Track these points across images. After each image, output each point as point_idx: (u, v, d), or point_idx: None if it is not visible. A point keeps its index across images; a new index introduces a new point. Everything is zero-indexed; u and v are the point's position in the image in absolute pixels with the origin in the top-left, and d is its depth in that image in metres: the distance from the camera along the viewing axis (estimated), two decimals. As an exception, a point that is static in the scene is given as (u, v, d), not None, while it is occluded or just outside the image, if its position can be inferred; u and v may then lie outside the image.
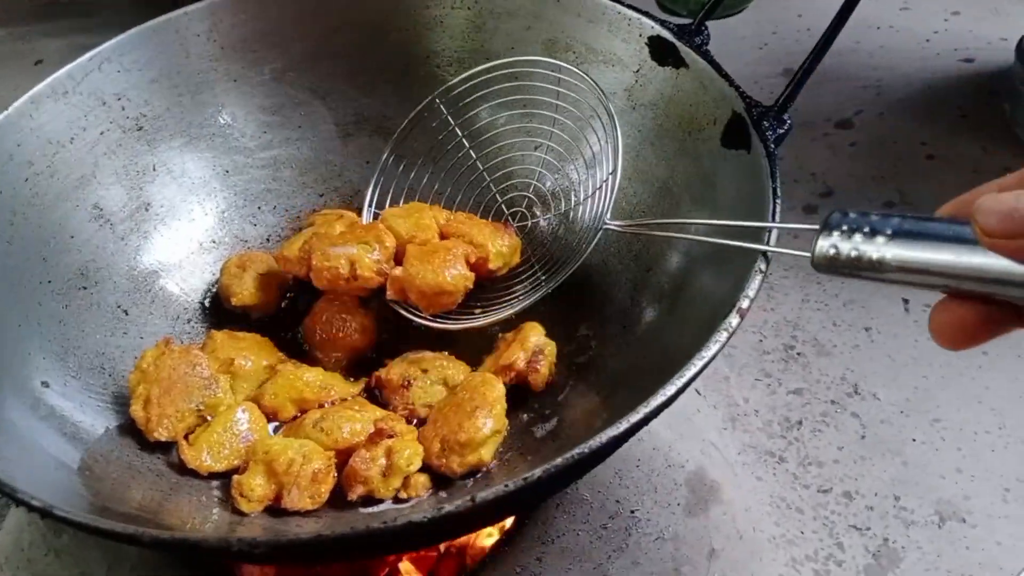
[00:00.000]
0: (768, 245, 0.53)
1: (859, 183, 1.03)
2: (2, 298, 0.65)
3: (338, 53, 0.82)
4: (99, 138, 0.74)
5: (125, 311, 0.74)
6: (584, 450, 0.46)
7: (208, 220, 0.81)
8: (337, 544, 0.47)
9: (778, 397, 0.83)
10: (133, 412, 0.65)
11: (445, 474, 0.63)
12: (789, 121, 0.61)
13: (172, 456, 0.65)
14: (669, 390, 0.47)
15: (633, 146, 0.74)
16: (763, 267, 0.53)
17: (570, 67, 0.72)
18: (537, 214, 0.78)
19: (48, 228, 0.70)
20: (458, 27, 0.81)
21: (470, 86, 0.77)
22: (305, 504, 0.61)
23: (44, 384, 0.64)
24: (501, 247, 0.72)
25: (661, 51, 0.71)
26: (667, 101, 0.72)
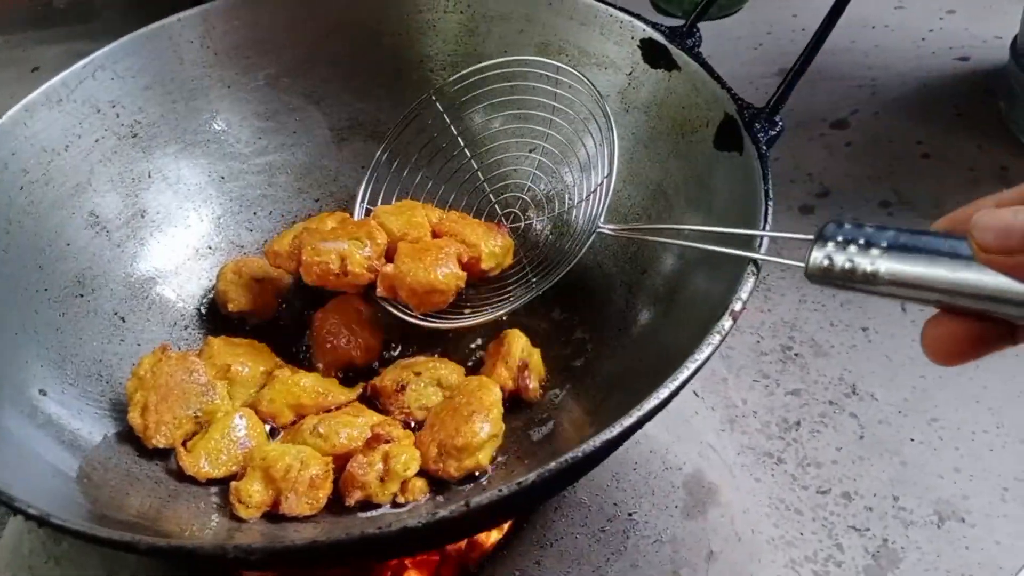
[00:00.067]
0: (759, 252, 0.53)
1: (855, 183, 1.03)
2: (-2, 306, 0.65)
3: (332, 58, 0.82)
4: (94, 145, 0.75)
5: (122, 318, 0.74)
6: (577, 455, 0.46)
7: (204, 226, 0.81)
8: (333, 550, 0.47)
9: (776, 398, 0.83)
10: (131, 419, 0.65)
11: (443, 479, 0.63)
12: (781, 123, 0.61)
13: (170, 463, 0.65)
14: (662, 394, 0.47)
15: (627, 148, 0.74)
16: (755, 269, 0.53)
17: (568, 68, 0.72)
18: (531, 216, 0.78)
19: (44, 236, 0.70)
20: (451, 31, 0.81)
21: (466, 85, 0.77)
22: (303, 509, 0.61)
23: (42, 392, 0.64)
24: (494, 247, 0.71)
25: (653, 53, 0.71)
26: (660, 103, 0.72)
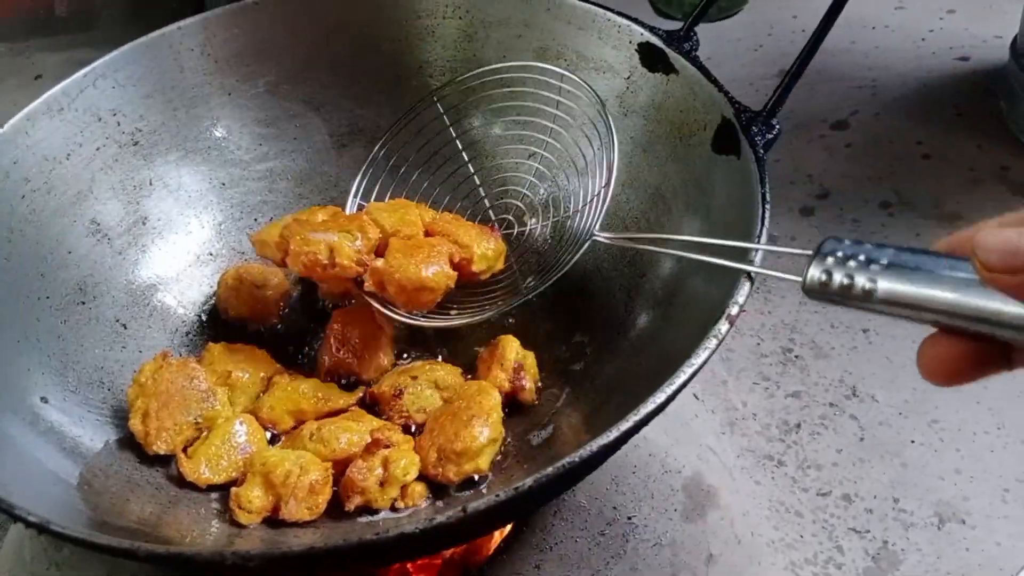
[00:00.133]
0: (755, 263, 0.53)
1: (855, 184, 1.03)
2: (1, 314, 0.65)
3: (331, 65, 0.83)
4: (95, 154, 0.75)
5: (124, 325, 0.74)
6: (574, 459, 0.46)
7: (205, 233, 0.82)
8: (330, 556, 0.47)
9: (776, 400, 0.83)
10: (132, 426, 0.66)
11: (442, 483, 0.63)
12: (778, 126, 0.61)
13: (171, 469, 0.66)
14: (658, 398, 0.47)
15: (625, 152, 0.74)
16: (756, 260, 0.53)
17: (572, 76, 0.72)
18: (526, 222, 0.77)
19: (46, 244, 0.71)
20: (450, 37, 0.82)
21: (468, 88, 0.77)
22: (303, 515, 0.61)
23: (43, 399, 0.65)
24: (486, 250, 0.70)
25: (651, 57, 0.71)
26: (658, 107, 0.72)
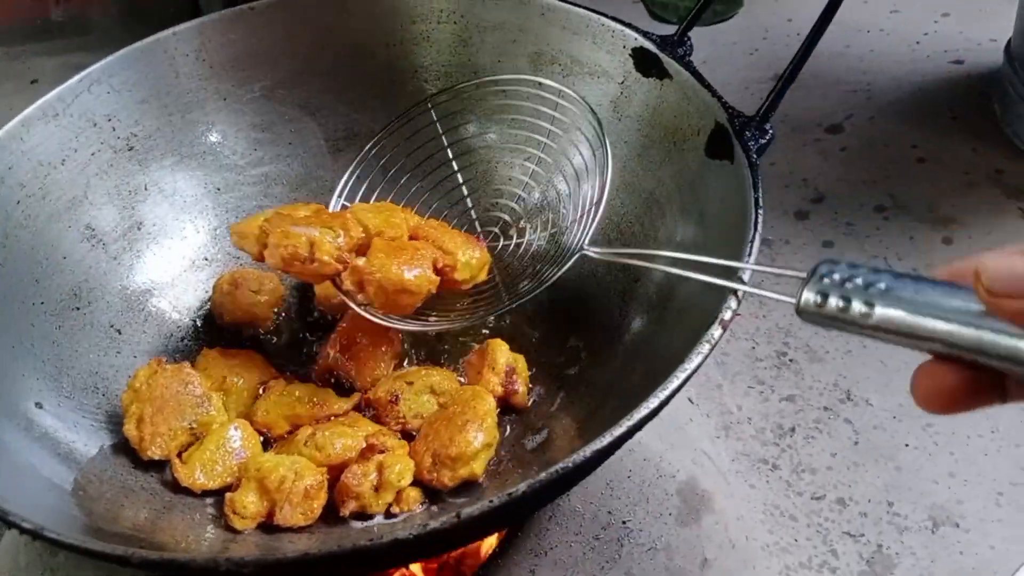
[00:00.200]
0: (747, 277, 0.52)
1: (850, 187, 1.04)
2: (-5, 320, 0.65)
3: (327, 70, 0.83)
4: (90, 159, 0.75)
5: (118, 330, 0.74)
6: (568, 465, 0.46)
7: (200, 238, 0.82)
8: (325, 561, 0.47)
9: (771, 404, 0.83)
10: (126, 431, 0.66)
11: (437, 488, 0.63)
12: (771, 131, 0.61)
13: (166, 474, 0.65)
14: (652, 403, 0.47)
15: (620, 157, 0.74)
16: (745, 277, 0.53)
17: (570, 92, 0.71)
18: (511, 235, 0.76)
19: (40, 249, 0.71)
20: (444, 41, 0.82)
21: (463, 97, 0.77)
22: (298, 520, 0.61)
23: (38, 405, 0.65)
24: (470, 259, 0.68)
25: (645, 62, 0.72)
26: (652, 112, 0.72)
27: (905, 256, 0.95)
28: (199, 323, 0.78)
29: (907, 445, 0.79)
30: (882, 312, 0.37)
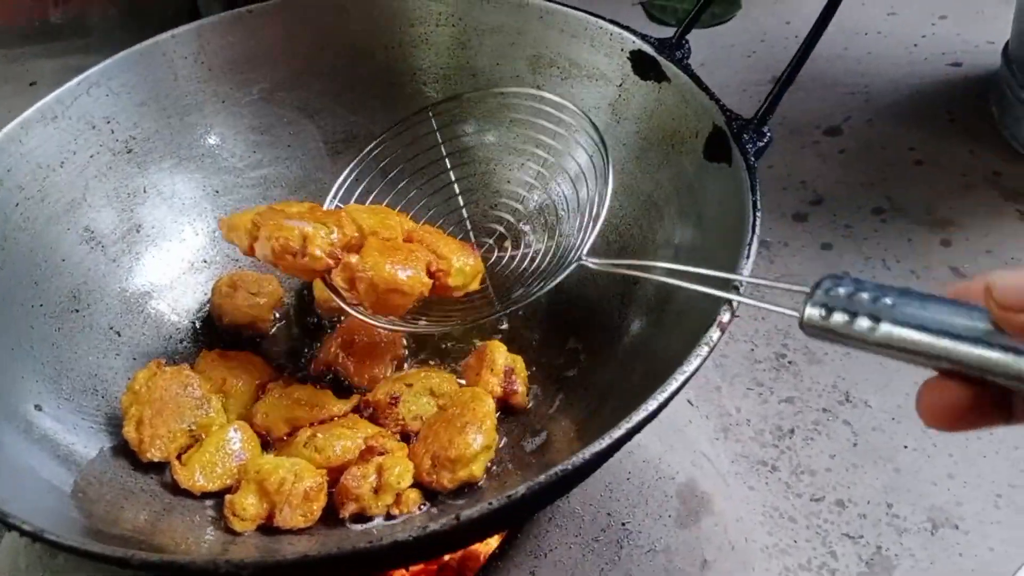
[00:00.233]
0: (739, 294, 0.51)
1: (848, 190, 1.04)
2: (-6, 322, 0.65)
3: (325, 72, 0.83)
4: (89, 161, 0.75)
5: (118, 332, 0.74)
6: (567, 467, 0.46)
7: (199, 240, 0.82)
8: (324, 563, 0.47)
9: (770, 406, 0.83)
10: (126, 433, 0.66)
11: (436, 490, 0.63)
12: (769, 134, 0.61)
13: (165, 476, 0.65)
14: (650, 406, 0.47)
15: (618, 160, 0.74)
16: (745, 289, 0.53)
17: (574, 108, 0.69)
18: (506, 248, 0.75)
19: (39, 252, 0.71)
20: (443, 44, 0.82)
21: (464, 107, 0.77)
22: (297, 522, 0.61)
23: (37, 407, 0.65)
24: (464, 265, 0.67)
25: (643, 65, 0.72)
26: (650, 115, 0.72)
27: (903, 258, 0.95)
28: (198, 325, 0.78)
29: (906, 447, 0.79)
30: (888, 328, 0.37)
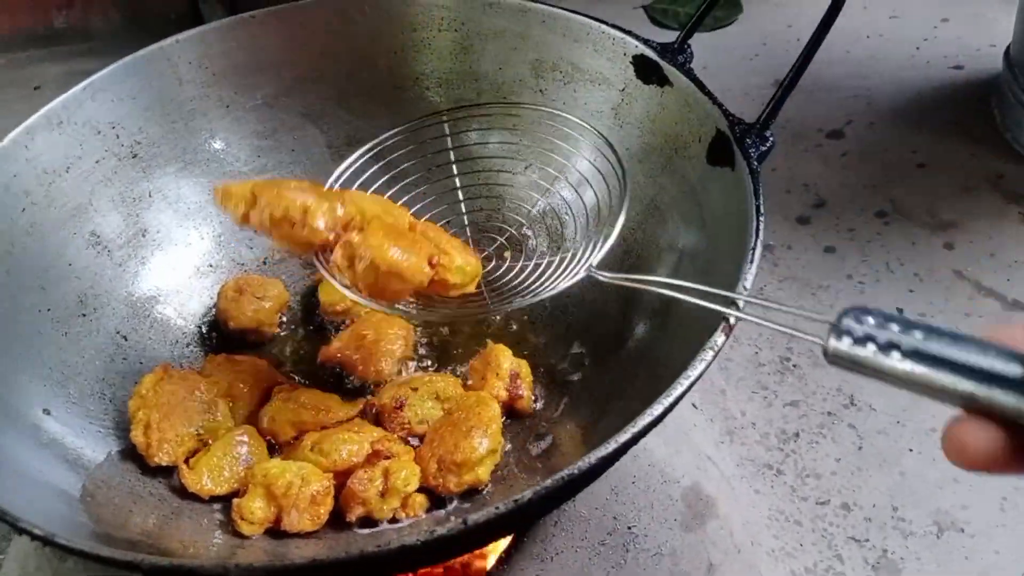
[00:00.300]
0: (739, 310, 0.51)
1: (851, 193, 1.04)
2: (1, 327, 0.65)
3: (329, 77, 0.83)
4: (95, 167, 0.75)
5: (124, 337, 0.75)
6: (573, 471, 0.46)
7: (205, 244, 0.82)
8: (333, 567, 0.48)
9: (775, 409, 0.83)
10: (133, 437, 0.66)
11: (442, 494, 0.63)
12: (772, 138, 0.62)
13: (173, 480, 0.66)
14: (656, 410, 0.48)
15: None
16: (747, 285, 0.53)
17: (592, 129, 0.68)
18: (505, 258, 0.73)
19: (46, 257, 0.71)
20: (446, 49, 0.82)
21: (478, 116, 0.76)
22: (305, 526, 0.62)
23: (45, 411, 0.65)
24: (465, 264, 0.64)
25: (646, 70, 0.72)
26: (653, 119, 0.72)
27: (907, 261, 0.95)
28: (204, 329, 0.79)
29: (911, 450, 0.79)
30: (916, 364, 0.36)
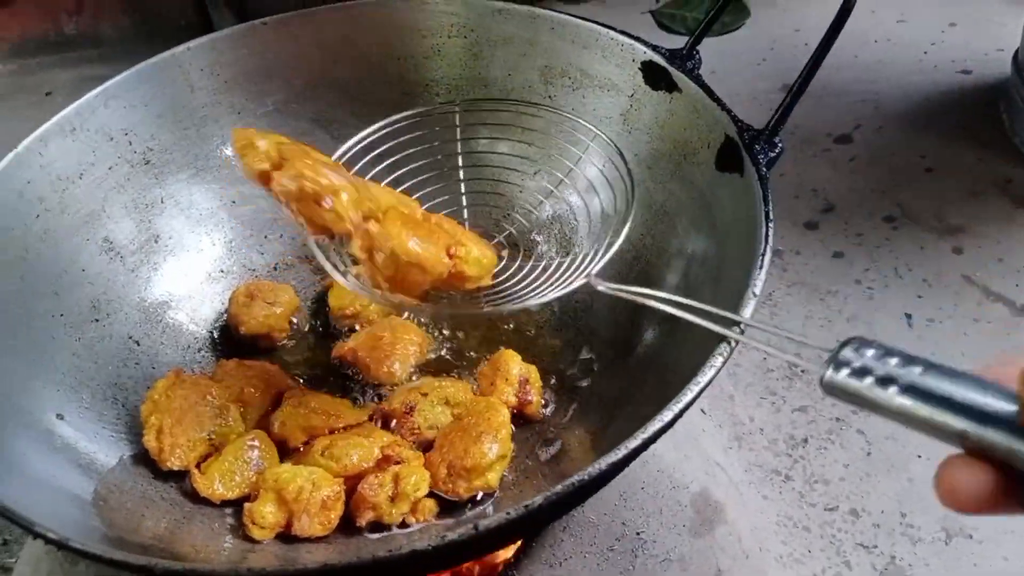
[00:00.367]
0: (741, 332, 0.51)
1: (860, 197, 1.04)
2: (16, 333, 0.66)
3: (339, 84, 0.84)
4: (108, 173, 0.76)
5: (136, 342, 0.75)
6: (584, 477, 0.46)
7: (216, 250, 0.82)
8: (345, 572, 0.48)
9: (783, 415, 0.83)
10: (146, 442, 0.66)
11: (452, 499, 0.64)
12: (780, 144, 0.62)
13: (185, 484, 0.66)
14: (666, 416, 0.48)
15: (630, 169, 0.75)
16: (756, 291, 0.53)
17: (602, 135, 0.69)
18: (503, 256, 0.71)
19: (60, 263, 0.72)
20: (455, 55, 0.83)
21: (488, 112, 0.76)
22: (315, 530, 0.62)
23: (59, 416, 0.65)
24: (482, 256, 0.64)
25: (654, 76, 0.72)
26: (661, 125, 0.73)
27: (915, 266, 0.95)
28: (216, 335, 0.79)
29: (919, 456, 0.79)
30: (912, 399, 0.36)
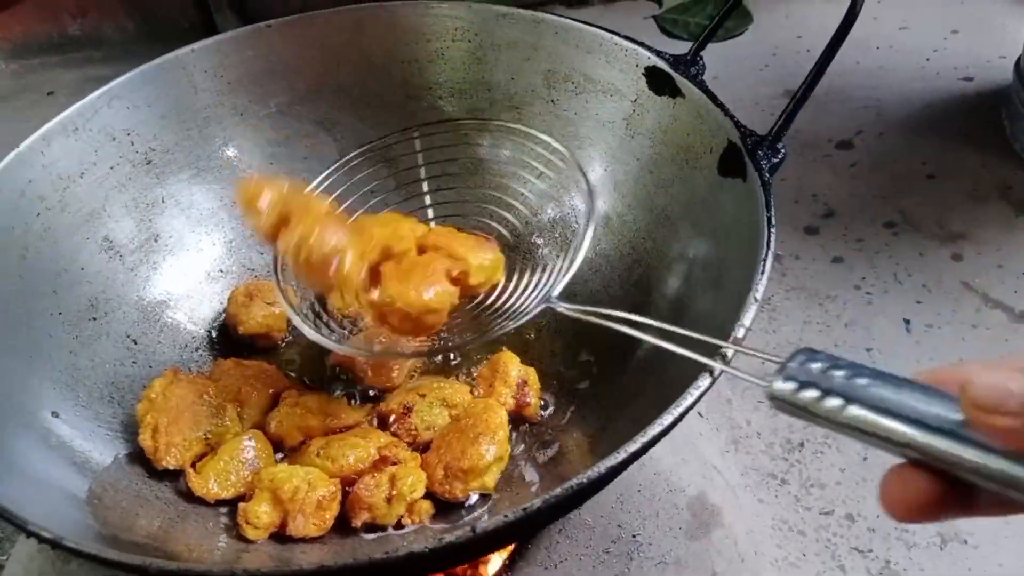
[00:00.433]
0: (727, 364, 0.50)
1: (861, 203, 1.04)
2: (13, 330, 0.66)
3: (342, 86, 0.84)
4: (109, 173, 0.76)
5: (134, 341, 0.75)
6: (582, 480, 0.46)
7: (216, 250, 0.83)
8: (341, 574, 0.48)
9: (780, 419, 0.83)
10: (141, 441, 0.66)
11: (449, 501, 0.64)
12: (783, 150, 0.62)
13: (180, 484, 0.66)
14: (666, 420, 0.48)
15: (632, 173, 0.75)
16: (758, 296, 0.53)
17: (567, 154, 0.68)
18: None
19: (59, 261, 0.72)
20: (459, 59, 0.83)
21: (469, 126, 0.77)
22: (310, 531, 0.62)
23: (54, 414, 0.65)
24: (483, 261, 0.64)
25: (658, 81, 0.72)
26: (664, 130, 0.73)
27: (915, 272, 0.95)
28: (214, 334, 0.79)
29: (916, 462, 0.79)
30: (857, 409, 0.35)
